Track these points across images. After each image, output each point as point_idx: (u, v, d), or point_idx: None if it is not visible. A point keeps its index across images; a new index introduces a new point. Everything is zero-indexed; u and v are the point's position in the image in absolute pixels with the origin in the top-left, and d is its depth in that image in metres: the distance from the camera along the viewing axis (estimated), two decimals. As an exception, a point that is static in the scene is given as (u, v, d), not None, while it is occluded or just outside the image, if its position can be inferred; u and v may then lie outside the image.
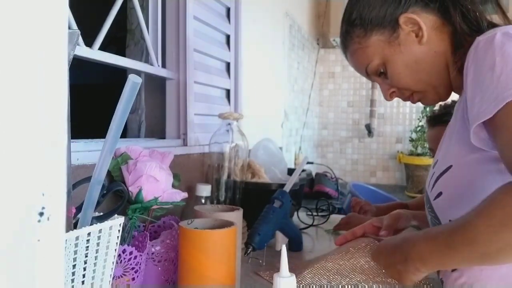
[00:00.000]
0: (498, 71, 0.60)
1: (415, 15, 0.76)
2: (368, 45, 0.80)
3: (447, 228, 0.64)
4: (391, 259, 0.70)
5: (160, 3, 1.25)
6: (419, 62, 0.77)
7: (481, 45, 0.65)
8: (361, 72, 0.86)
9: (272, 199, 1.07)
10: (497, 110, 0.58)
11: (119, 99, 0.54)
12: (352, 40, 0.82)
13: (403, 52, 0.77)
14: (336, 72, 3.21)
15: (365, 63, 0.82)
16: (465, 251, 0.60)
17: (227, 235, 0.72)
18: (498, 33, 0.64)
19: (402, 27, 0.77)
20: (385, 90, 0.85)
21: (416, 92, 0.82)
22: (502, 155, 0.60)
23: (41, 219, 0.32)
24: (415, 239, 0.67)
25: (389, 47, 0.78)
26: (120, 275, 0.72)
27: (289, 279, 0.60)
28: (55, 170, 0.33)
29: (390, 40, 0.78)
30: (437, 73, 0.78)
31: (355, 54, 0.83)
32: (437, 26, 0.76)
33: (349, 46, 0.84)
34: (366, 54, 0.81)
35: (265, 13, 1.98)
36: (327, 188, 2.25)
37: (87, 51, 0.94)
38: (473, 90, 0.64)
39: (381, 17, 0.78)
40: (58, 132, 0.33)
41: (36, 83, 0.31)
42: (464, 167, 0.69)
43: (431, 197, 0.74)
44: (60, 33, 0.33)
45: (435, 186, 0.73)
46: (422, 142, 2.89)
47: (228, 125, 1.26)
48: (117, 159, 0.87)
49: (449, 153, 0.72)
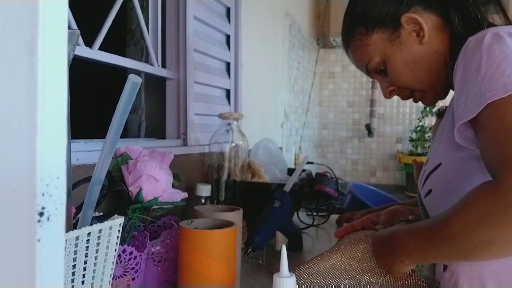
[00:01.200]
0: (483, 72, 0.61)
1: (417, 15, 0.76)
2: (369, 43, 0.81)
3: (427, 224, 0.66)
4: (380, 251, 0.72)
5: (160, 3, 1.25)
6: (419, 61, 0.78)
7: (470, 45, 0.66)
8: (361, 69, 0.86)
9: (272, 199, 1.07)
10: (479, 110, 0.59)
11: (119, 99, 0.54)
12: (354, 37, 0.83)
13: (404, 51, 0.78)
14: (336, 72, 3.20)
15: (366, 60, 0.83)
16: (443, 247, 0.61)
17: (227, 235, 0.72)
18: (488, 33, 0.64)
19: (403, 26, 0.77)
20: (385, 88, 0.85)
21: (416, 91, 0.82)
22: (481, 155, 0.61)
23: (41, 219, 0.31)
24: (401, 233, 0.69)
25: (390, 46, 0.79)
26: (120, 275, 0.72)
27: (289, 279, 0.60)
28: (55, 170, 0.33)
29: (392, 39, 0.79)
30: (436, 73, 0.78)
31: (356, 51, 0.84)
32: (438, 26, 0.77)
33: (350, 43, 0.85)
34: (367, 52, 0.82)
35: (265, 13, 1.98)
36: (327, 188, 2.25)
37: (87, 51, 0.94)
38: (459, 90, 0.65)
39: (383, 15, 0.79)
40: (58, 132, 0.33)
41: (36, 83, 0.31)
42: (452, 165, 0.70)
43: (422, 194, 0.75)
44: (60, 33, 0.33)
45: (425, 183, 0.74)
46: (422, 142, 2.89)
47: (228, 125, 1.26)
48: (117, 159, 0.87)
49: (439, 151, 0.73)
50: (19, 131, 0.31)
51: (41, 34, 0.31)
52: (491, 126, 0.59)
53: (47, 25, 0.32)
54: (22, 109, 0.31)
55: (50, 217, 0.32)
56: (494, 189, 0.55)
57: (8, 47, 0.31)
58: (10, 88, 0.32)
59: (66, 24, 0.34)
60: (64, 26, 0.33)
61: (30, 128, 0.31)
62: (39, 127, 0.31)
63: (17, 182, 0.32)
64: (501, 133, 0.57)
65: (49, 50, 0.32)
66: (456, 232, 0.58)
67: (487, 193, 0.55)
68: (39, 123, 0.31)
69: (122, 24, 1.33)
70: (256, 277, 0.94)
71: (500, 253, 0.59)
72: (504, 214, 0.53)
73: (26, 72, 0.31)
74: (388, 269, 0.71)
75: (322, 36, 3.09)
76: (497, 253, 0.59)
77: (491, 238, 0.55)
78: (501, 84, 0.58)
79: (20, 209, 0.32)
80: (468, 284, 0.68)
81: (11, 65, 0.31)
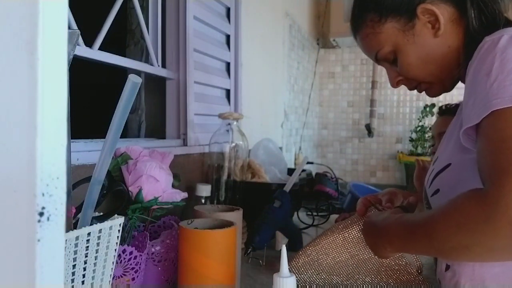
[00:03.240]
0: (493, 77, 0.59)
1: (434, 6, 0.74)
2: (381, 31, 0.78)
3: (414, 218, 0.67)
4: (371, 233, 0.77)
5: (160, 3, 1.25)
6: (432, 54, 0.76)
7: (485, 46, 0.64)
8: (370, 56, 0.84)
9: (272, 199, 1.07)
10: (483, 116, 0.58)
11: (119, 99, 0.54)
12: (365, 23, 0.79)
13: (417, 42, 0.76)
14: (336, 72, 3.20)
15: (375, 49, 0.80)
16: (423, 242, 0.63)
17: (227, 235, 0.72)
18: (505, 35, 0.62)
19: (419, 17, 0.74)
20: (393, 77, 0.83)
21: (424, 83, 0.80)
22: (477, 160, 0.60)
23: (41, 219, 0.31)
24: (390, 220, 0.72)
25: (403, 36, 0.76)
26: (120, 275, 0.72)
27: (289, 279, 0.60)
28: (55, 170, 0.33)
29: (405, 29, 0.76)
30: (448, 67, 0.76)
31: (367, 38, 0.81)
32: (453, 19, 0.74)
33: (360, 30, 0.81)
34: (378, 40, 0.79)
35: (265, 13, 1.98)
36: (327, 188, 2.24)
37: (87, 51, 0.94)
38: (469, 91, 0.64)
39: (398, 4, 0.76)
40: (58, 132, 0.33)
41: (36, 83, 0.31)
42: (461, 166, 0.69)
43: (429, 193, 0.75)
44: (60, 33, 0.33)
45: (433, 183, 0.73)
46: (422, 142, 2.89)
47: (228, 125, 1.26)
48: (117, 159, 0.87)
49: (449, 151, 0.72)
50: (19, 131, 0.31)
51: (41, 34, 0.31)
52: (490, 134, 0.58)
53: (47, 25, 0.32)
54: (22, 109, 0.31)
55: (50, 217, 0.32)
56: (480, 198, 0.55)
57: (8, 47, 0.31)
58: (10, 88, 0.32)
59: (66, 24, 0.34)
60: (64, 26, 0.33)
61: (30, 128, 0.31)
62: (39, 127, 0.31)
63: (17, 182, 0.32)
64: (498, 144, 0.56)
65: (49, 50, 0.32)
66: (438, 231, 0.59)
67: (473, 200, 0.55)
68: (39, 123, 0.31)
69: (122, 24, 1.33)
70: (256, 277, 0.94)
71: (477, 258, 0.61)
72: (485, 224, 0.53)
73: (26, 72, 0.31)
74: (374, 251, 0.76)
75: (322, 36, 3.09)
76: (474, 258, 0.61)
77: (469, 244, 0.56)
78: (509, 93, 0.57)
79: (20, 209, 0.32)
80: (470, 285, 0.68)
81: (11, 65, 0.31)
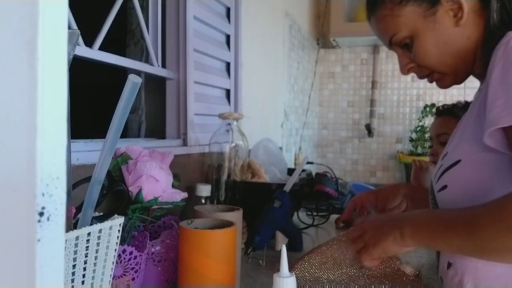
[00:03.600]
0: None
1: None
2: (400, 14, 0.74)
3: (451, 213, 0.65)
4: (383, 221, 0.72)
5: (160, 3, 1.25)
6: (450, 44, 0.73)
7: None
8: (383, 40, 0.81)
9: (272, 199, 1.07)
10: None
11: (119, 99, 0.54)
12: (384, 4, 0.76)
13: (436, 30, 0.73)
14: (336, 72, 3.20)
15: (391, 32, 0.77)
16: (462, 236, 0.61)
17: (227, 235, 0.72)
18: None
19: (442, 3, 0.72)
20: (404, 64, 0.80)
21: (437, 73, 0.78)
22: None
23: (41, 219, 0.31)
24: (415, 212, 0.70)
25: (422, 22, 0.73)
26: (120, 275, 0.72)
27: (289, 279, 0.60)
28: (55, 170, 0.33)
29: (426, 15, 0.73)
30: (464, 59, 0.74)
31: (383, 20, 0.77)
32: (476, 10, 0.72)
33: (377, 10, 0.78)
34: (395, 23, 0.75)
35: (265, 13, 1.98)
36: (327, 188, 2.25)
37: (87, 51, 0.94)
38: (496, 90, 0.61)
39: None
40: (58, 132, 0.33)
41: (36, 83, 0.31)
42: (473, 163, 0.67)
43: (436, 189, 0.73)
44: (60, 33, 0.33)
45: (441, 178, 0.72)
46: (422, 142, 2.89)
47: (228, 125, 1.26)
48: (117, 159, 0.87)
49: (460, 148, 0.70)
50: (19, 131, 0.31)
51: (41, 34, 0.31)
52: None
53: (47, 25, 0.32)
54: (22, 109, 0.31)
55: (50, 217, 0.32)
56: None
57: (8, 47, 0.31)
58: (10, 88, 0.32)
59: (66, 24, 0.34)
60: (64, 26, 0.33)
61: (30, 128, 0.31)
62: (39, 127, 0.31)
63: (17, 182, 0.32)
64: None
65: (49, 50, 0.32)
66: (484, 230, 0.58)
67: None
68: (39, 123, 0.31)
69: (122, 24, 1.33)
70: (256, 277, 0.94)
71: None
72: None
73: (26, 72, 0.31)
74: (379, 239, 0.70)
75: (322, 36, 3.09)
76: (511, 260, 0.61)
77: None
78: None
79: (20, 209, 0.32)
80: (473, 284, 0.67)
81: (11, 65, 0.31)
